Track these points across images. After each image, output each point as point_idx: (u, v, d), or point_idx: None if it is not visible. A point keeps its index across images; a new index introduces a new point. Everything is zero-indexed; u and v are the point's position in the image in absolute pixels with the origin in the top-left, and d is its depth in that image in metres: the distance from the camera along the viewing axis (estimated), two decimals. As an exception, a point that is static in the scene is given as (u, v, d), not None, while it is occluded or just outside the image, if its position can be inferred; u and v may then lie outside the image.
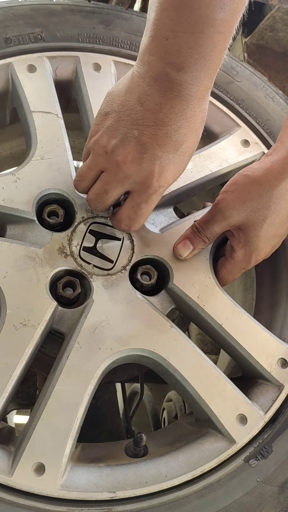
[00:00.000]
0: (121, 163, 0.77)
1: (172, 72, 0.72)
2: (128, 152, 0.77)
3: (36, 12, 1.07)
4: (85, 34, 1.09)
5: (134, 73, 0.76)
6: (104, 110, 0.80)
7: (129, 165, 0.78)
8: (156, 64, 0.73)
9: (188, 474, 0.81)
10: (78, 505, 0.75)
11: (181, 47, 0.70)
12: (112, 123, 0.78)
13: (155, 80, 0.73)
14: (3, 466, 0.76)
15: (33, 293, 0.84)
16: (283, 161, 0.88)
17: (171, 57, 0.71)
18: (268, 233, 0.90)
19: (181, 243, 0.92)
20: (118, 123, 0.77)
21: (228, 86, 1.14)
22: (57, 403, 0.79)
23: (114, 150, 0.78)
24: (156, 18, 0.71)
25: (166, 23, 0.70)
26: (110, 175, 0.81)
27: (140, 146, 0.76)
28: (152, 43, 0.72)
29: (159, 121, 0.75)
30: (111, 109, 0.79)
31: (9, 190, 0.91)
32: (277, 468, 0.83)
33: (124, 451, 0.85)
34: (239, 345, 0.90)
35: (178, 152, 0.78)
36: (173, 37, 0.70)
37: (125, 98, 0.77)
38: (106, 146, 0.78)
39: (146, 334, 0.86)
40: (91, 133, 0.82)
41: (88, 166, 0.84)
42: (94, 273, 0.90)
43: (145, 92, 0.75)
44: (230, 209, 0.89)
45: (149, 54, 0.73)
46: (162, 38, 0.71)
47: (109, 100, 0.80)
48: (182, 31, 0.69)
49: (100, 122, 0.80)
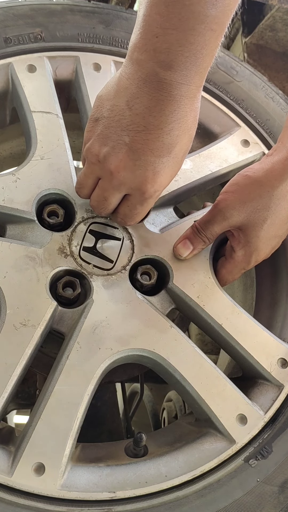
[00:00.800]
0: (115, 172, 0.77)
1: (162, 72, 0.69)
2: (120, 160, 0.76)
3: (36, 12, 1.07)
4: (85, 34, 1.08)
5: (122, 75, 0.74)
6: (94, 116, 0.79)
7: (122, 173, 0.77)
8: (145, 64, 0.70)
9: (188, 474, 0.81)
10: (78, 505, 0.75)
11: (171, 45, 0.67)
12: (102, 130, 0.77)
13: (144, 81, 0.71)
14: (3, 466, 0.76)
15: (33, 293, 0.84)
16: (284, 162, 0.88)
17: (160, 55, 0.68)
18: (268, 234, 0.90)
19: (181, 243, 0.92)
20: (108, 130, 0.76)
21: (228, 86, 1.14)
22: (57, 403, 0.79)
23: (106, 159, 0.77)
24: (145, 14, 0.68)
25: (156, 19, 0.67)
26: (106, 182, 0.81)
27: (132, 152, 0.75)
28: (141, 40, 0.69)
29: (149, 125, 0.73)
30: (101, 115, 0.77)
31: (9, 190, 0.91)
32: (277, 468, 0.83)
33: (124, 451, 0.85)
34: (239, 345, 0.90)
35: (171, 155, 0.76)
36: (163, 35, 0.67)
37: (113, 103, 0.75)
38: (98, 155, 0.78)
39: (146, 334, 0.86)
40: (85, 140, 0.82)
41: (85, 174, 0.84)
42: (94, 273, 0.90)
43: (134, 95, 0.72)
44: (230, 210, 0.89)
45: (138, 53, 0.71)
46: (151, 35, 0.68)
47: (98, 104, 0.78)
48: (172, 28, 0.66)
49: (91, 129, 0.79)
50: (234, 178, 0.92)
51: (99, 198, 0.84)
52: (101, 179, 0.82)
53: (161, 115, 0.72)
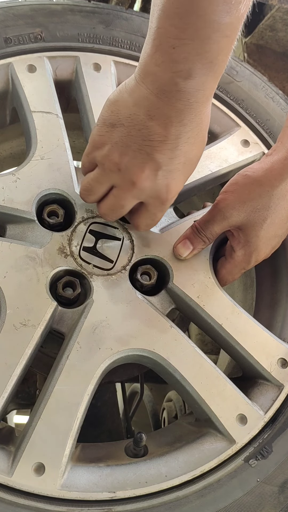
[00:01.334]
0: (136, 182, 0.78)
1: (181, 81, 0.71)
2: (143, 170, 0.77)
3: (36, 12, 1.07)
4: (85, 34, 1.08)
5: (140, 84, 0.74)
6: (109, 120, 0.78)
7: (144, 183, 0.78)
8: (163, 75, 0.71)
9: (188, 474, 0.81)
10: (78, 505, 0.75)
11: (189, 54, 0.69)
12: (122, 138, 0.77)
13: (163, 91, 0.72)
14: (3, 466, 0.76)
15: (33, 293, 0.84)
16: (283, 161, 0.88)
17: (178, 65, 0.70)
18: (268, 233, 0.90)
19: (181, 243, 0.92)
20: (128, 138, 0.76)
21: (228, 86, 1.14)
22: (57, 403, 0.79)
23: (128, 169, 0.77)
24: (159, 26, 0.69)
25: (171, 31, 0.68)
26: (124, 191, 0.81)
27: (153, 163, 0.76)
28: (157, 53, 0.70)
29: (170, 135, 0.75)
30: (118, 122, 0.77)
31: (9, 190, 0.91)
32: (277, 468, 0.83)
33: (124, 451, 0.85)
34: (239, 345, 0.90)
35: (188, 162, 0.79)
36: (180, 45, 0.68)
37: (133, 112, 0.75)
38: (119, 164, 0.78)
39: (146, 334, 0.86)
40: (95, 144, 0.81)
41: (97, 180, 0.83)
42: (94, 273, 0.90)
43: (154, 105, 0.73)
44: (230, 209, 0.89)
45: (155, 65, 0.71)
46: (168, 47, 0.69)
47: (114, 110, 0.78)
48: (189, 38, 0.68)
49: (106, 134, 0.78)
50: (234, 178, 0.92)
51: (114, 206, 0.84)
52: (117, 187, 0.81)
53: (180, 124, 0.74)
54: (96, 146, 0.81)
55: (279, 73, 1.61)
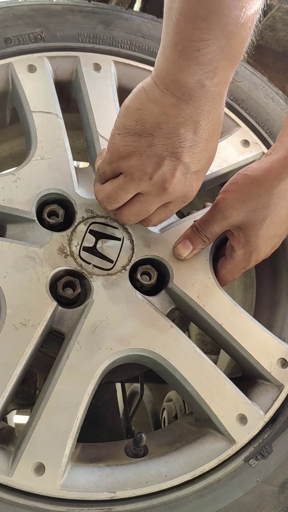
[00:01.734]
0: (168, 187, 0.79)
1: (209, 82, 0.71)
2: (174, 175, 0.78)
3: (36, 12, 1.07)
4: (85, 34, 1.08)
5: (164, 91, 0.73)
6: (134, 130, 0.76)
7: (175, 187, 0.79)
8: (189, 80, 0.70)
9: (188, 474, 0.80)
10: (78, 505, 0.75)
11: (215, 54, 0.68)
12: (151, 148, 0.76)
13: (191, 96, 0.72)
14: (3, 466, 0.76)
15: (33, 293, 0.84)
16: (283, 160, 0.88)
17: (205, 67, 0.69)
18: (267, 233, 0.90)
19: (181, 243, 0.92)
20: (158, 148, 0.76)
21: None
22: (57, 403, 0.79)
23: (160, 176, 0.78)
24: (180, 31, 0.67)
25: (195, 34, 0.66)
26: (153, 197, 0.81)
27: (184, 166, 0.78)
28: (181, 58, 0.68)
29: (198, 137, 0.76)
30: (144, 131, 0.76)
31: (9, 190, 0.91)
32: (277, 468, 0.83)
33: (124, 451, 0.85)
34: (239, 345, 0.90)
35: (210, 158, 0.81)
36: (205, 47, 0.67)
37: (161, 121, 0.74)
38: (151, 173, 0.78)
39: (146, 334, 0.86)
40: (120, 154, 0.79)
41: (123, 189, 0.82)
42: (94, 273, 0.90)
43: (183, 112, 0.73)
44: (229, 209, 0.89)
45: (179, 71, 0.70)
46: (192, 50, 0.67)
47: (138, 118, 0.76)
48: (214, 38, 0.67)
49: (132, 143, 0.77)
50: (233, 178, 0.92)
51: (140, 212, 0.84)
52: (145, 195, 0.81)
53: (208, 126, 0.76)
54: (121, 156, 0.79)
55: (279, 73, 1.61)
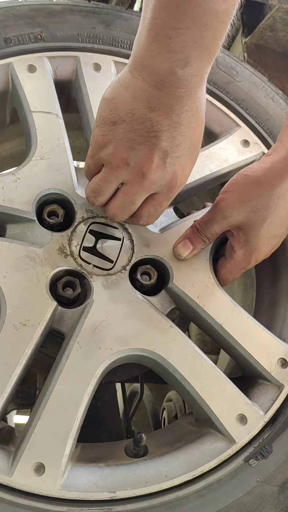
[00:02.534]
0: (146, 173, 0.78)
1: (179, 70, 0.71)
2: (151, 160, 0.77)
3: (36, 12, 1.07)
4: (85, 34, 1.08)
5: (136, 77, 0.74)
6: (109, 119, 0.78)
7: (154, 173, 0.78)
8: (160, 66, 0.71)
9: (188, 474, 0.80)
10: (78, 505, 0.75)
11: (186, 43, 0.69)
12: (126, 134, 0.77)
13: (162, 82, 0.72)
14: (3, 466, 0.76)
15: (33, 293, 0.84)
16: (283, 161, 0.88)
17: (176, 55, 0.70)
18: (268, 233, 0.90)
19: (181, 243, 0.92)
20: (132, 133, 0.76)
21: (228, 86, 1.14)
22: (57, 403, 0.79)
23: (136, 162, 0.78)
24: (155, 17, 0.68)
25: (168, 22, 0.67)
26: (134, 186, 0.81)
27: (161, 152, 0.77)
28: (154, 43, 0.70)
29: (173, 123, 0.75)
30: (119, 119, 0.77)
31: (9, 190, 0.91)
32: (277, 468, 0.83)
33: (124, 451, 0.85)
34: (239, 345, 0.90)
35: (192, 146, 0.80)
36: (177, 35, 0.68)
37: (133, 106, 0.75)
38: (127, 158, 0.78)
39: (146, 334, 0.86)
40: (99, 144, 0.80)
41: (105, 180, 0.82)
42: (94, 273, 0.90)
43: (154, 97, 0.73)
44: (230, 209, 0.89)
45: (151, 56, 0.71)
46: (164, 37, 0.69)
47: (112, 107, 0.77)
48: (186, 27, 0.68)
49: (109, 132, 0.78)
50: (234, 178, 0.92)
51: (125, 204, 0.83)
52: (127, 184, 0.81)
53: (182, 111, 0.75)
54: (100, 146, 0.80)
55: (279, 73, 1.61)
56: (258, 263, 0.95)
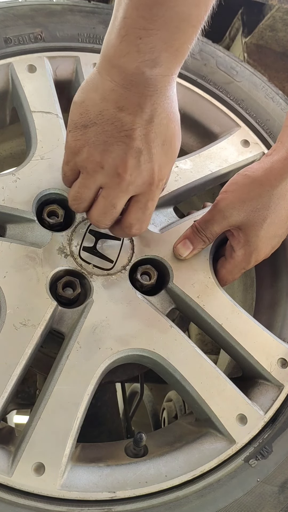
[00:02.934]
0: (122, 173, 0.77)
1: (148, 70, 0.70)
2: (125, 161, 0.76)
3: (36, 12, 1.07)
4: (85, 34, 1.08)
5: (104, 78, 0.73)
6: (80, 123, 0.77)
7: (130, 172, 0.77)
8: (128, 65, 0.70)
9: (188, 474, 0.81)
10: (78, 505, 0.75)
11: (156, 44, 0.68)
12: (97, 136, 0.76)
13: (130, 82, 0.71)
14: (3, 466, 0.76)
15: (33, 293, 0.84)
16: (283, 161, 0.88)
17: (145, 55, 0.69)
18: (268, 233, 0.90)
19: (181, 243, 0.92)
20: (104, 135, 0.76)
21: (228, 86, 1.14)
22: (57, 403, 0.79)
23: (111, 164, 0.77)
24: (126, 16, 0.67)
25: (139, 22, 0.67)
26: (112, 189, 0.80)
27: (134, 151, 0.76)
28: (123, 43, 0.69)
29: (143, 121, 0.74)
30: (89, 122, 0.76)
31: (9, 190, 0.91)
32: (277, 468, 0.83)
33: (124, 451, 0.85)
34: (239, 345, 0.90)
35: (166, 143, 0.78)
36: (147, 36, 0.67)
37: (102, 108, 0.74)
38: (101, 161, 0.77)
39: (146, 334, 0.86)
40: (72, 150, 0.79)
41: (84, 186, 0.82)
42: (94, 273, 0.90)
43: (122, 96, 0.72)
44: (230, 209, 0.89)
45: (120, 56, 0.70)
46: (134, 37, 0.68)
47: (82, 111, 0.77)
48: (157, 29, 0.67)
49: (81, 137, 0.77)
50: (234, 178, 0.92)
51: (106, 209, 0.82)
52: (105, 188, 0.80)
53: (151, 109, 0.74)
54: (74, 152, 0.80)
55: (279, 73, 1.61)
56: (258, 263, 0.95)
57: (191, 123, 1.13)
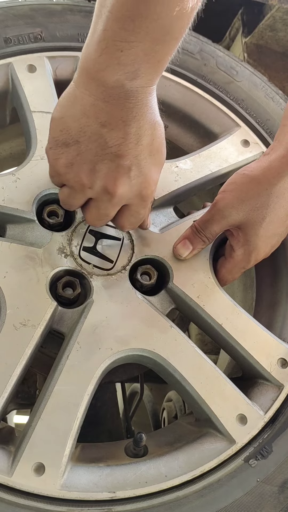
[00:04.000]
0: (113, 192, 0.76)
1: (128, 83, 0.69)
2: (116, 178, 0.75)
3: (36, 12, 1.07)
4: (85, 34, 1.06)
5: (83, 92, 0.71)
6: (61, 140, 0.75)
7: (121, 189, 0.76)
8: (108, 79, 0.68)
9: (188, 474, 0.81)
10: (78, 505, 0.75)
11: (137, 56, 0.67)
12: (80, 155, 0.74)
13: (110, 95, 0.69)
14: (3, 466, 0.76)
15: (33, 293, 0.84)
16: (281, 159, 0.88)
17: (126, 67, 0.67)
18: (267, 232, 0.90)
19: (180, 243, 0.92)
20: (87, 153, 0.74)
21: (228, 86, 1.14)
22: (57, 403, 0.79)
23: (99, 184, 0.76)
24: (106, 29, 0.65)
25: (120, 34, 0.65)
26: (103, 202, 0.79)
27: (121, 167, 0.75)
28: (103, 56, 0.67)
29: (126, 134, 0.72)
30: (70, 139, 0.74)
31: (9, 190, 0.91)
32: (277, 468, 0.83)
33: (124, 451, 0.85)
34: (239, 345, 0.90)
35: (153, 152, 0.77)
36: (129, 48, 0.65)
37: (83, 124, 0.72)
38: (88, 183, 0.76)
39: (146, 334, 0.86)
40: (55, 169, 0.78)
41: (71, 197, 0.81)
42: (94, 273, 0.90)
43: (103, 111, 0.71)
44: (229, 208, 0.89)
45: (99, 70, 0.68)
46: (115, 50, 0.66)
47: (63, 128, 0.74)
48: (139, 41, 0.65)
49: (62, 155, 0.75)
50: (232, 177, 0.92)
51: (100, 217, 0.82)
52: (95, 200, 0.80)
53: (134, 121, 0.72)
54: (57, 171, 0.78)
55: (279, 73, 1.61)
56: (258, 262, 0.95)
57: (191, 123, 1.13)
